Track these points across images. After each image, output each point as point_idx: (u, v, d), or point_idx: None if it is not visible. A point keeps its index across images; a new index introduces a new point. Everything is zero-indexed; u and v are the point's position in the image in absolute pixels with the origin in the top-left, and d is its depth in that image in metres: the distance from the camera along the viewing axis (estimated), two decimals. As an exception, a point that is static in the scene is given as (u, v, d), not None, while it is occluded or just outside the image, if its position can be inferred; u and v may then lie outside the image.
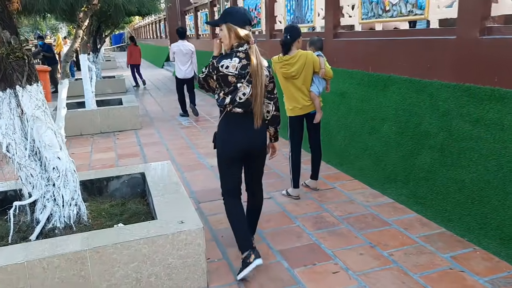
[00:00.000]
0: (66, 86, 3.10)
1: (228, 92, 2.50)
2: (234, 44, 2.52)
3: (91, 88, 7.44)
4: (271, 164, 4.89)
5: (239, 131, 2.56)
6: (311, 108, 3.82)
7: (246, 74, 2.47)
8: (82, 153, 5.74)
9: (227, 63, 2.46)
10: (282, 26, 7.57)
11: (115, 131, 7.01)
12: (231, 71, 2.45)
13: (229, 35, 2.51)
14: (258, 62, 2.49)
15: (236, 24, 2.48)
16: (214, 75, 2.50)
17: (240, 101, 2.49)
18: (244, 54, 2.50)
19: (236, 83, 2.47)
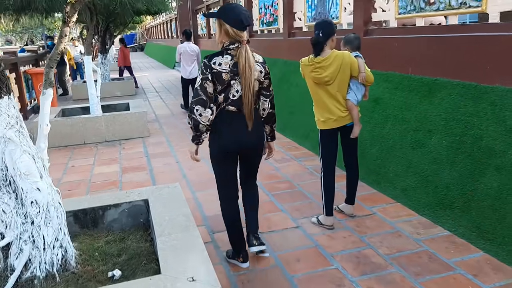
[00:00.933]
0: (49, 97, 2.50)
1: (221, 90, 2.45)
2: (226, 42, 2.47)
3: (96, 92, 6.89)
4: (295, 180, 4.26)
5: (233, 129, 2.51)
6: (347, 119, 3.18)
7: (238, 72, 2.43)
8: (83, 166, 5.17)
9: (219, 60, 2.43)
10: (302, 24, 6.93)
11: (121, 139, 6.44)
12: (224, 68, 2.42)
13: (219, 30, 2.49)
14: (246, 63, 2.41)
15: (227, 22, 2.43)
16: (209, 74, 2.42)
17: (233, 99, 2.46)
18: (235, 52, 2.44)
19: (230, 80, 2.43)
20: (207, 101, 2.43)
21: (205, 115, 2.44)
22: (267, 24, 8.48)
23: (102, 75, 11.52)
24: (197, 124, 2.45)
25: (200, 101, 2.43)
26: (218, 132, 2.53)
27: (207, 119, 2.45)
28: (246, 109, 2.46)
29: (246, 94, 2.43)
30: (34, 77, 9.31)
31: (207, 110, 2.44)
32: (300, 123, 5.95)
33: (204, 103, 2.43)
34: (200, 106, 2.43)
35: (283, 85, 7.01)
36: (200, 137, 2.54)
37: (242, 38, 2.45)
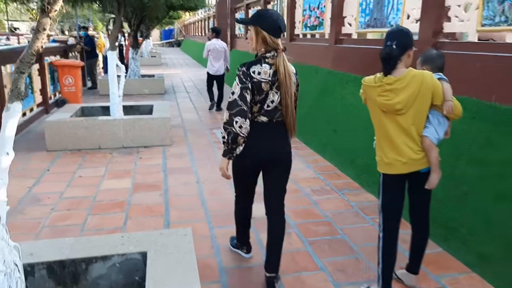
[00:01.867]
0: (15, 115, 1.80)
1: (258, 100, 2.36)
2: (262, 50, 2.38)
3: (118, 91, 6.28)
4: (337, 222, 3.45)
5: (261, 140, 2.41)
6: (421, 163, 2.35)
7: (275, 81, 2.36)
8: (91, 178, 4.53)
9: (257, 69, 2.33)
10: (352, 30, 6.09)
11: (140, 146, 5.79)
12: (264, 78, 2.33)
13: (256, 38, 2.39)
14: (286, 71, 2.35)
15: (264, 29, 2.34)
16: (249, 83, 2.31)
17: (267, 109, 2.39)
18: (273, 61, 2.35)
19: (269, 90, 2.35)
20: (247, 111, 2.31)
21: (245, 127, 2.31)
22: (311, 27, 7.67)
23: (132, 71, 11.03)
24: (235, 137, 2.31)
25: (241, 112, 2.29)
26: (248, 141, 2.38)
27: (246, 130, 2.32)
28: (290, 120, 2.41)
29: (287, 104, 2.36)
30: (59, 69, 8.84)
31: (247, 121, 2.31)
32: (344, 145, 5.12)
33: (244, 114, 2.30)
34: (240, 117, 2.29)
35: (326, 98, 6.19)
36: (235, 150, 2.38)
37: (279, 46, 2.36)
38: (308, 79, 7.12)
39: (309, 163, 5.13)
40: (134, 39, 10.86)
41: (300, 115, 6.65)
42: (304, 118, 6.52)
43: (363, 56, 5.51)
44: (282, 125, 2.45)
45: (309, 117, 6.40)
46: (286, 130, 2.48)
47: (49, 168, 4.84)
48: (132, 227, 3.38)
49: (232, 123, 2.28)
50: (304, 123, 6.46)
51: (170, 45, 48.71)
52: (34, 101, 7.53)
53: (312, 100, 6.56)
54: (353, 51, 5.87)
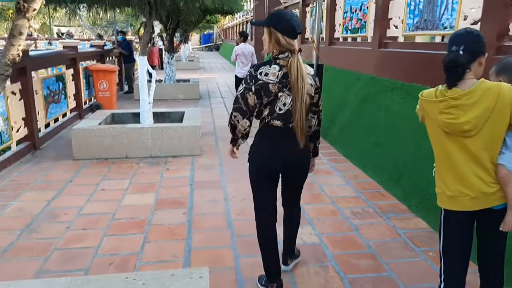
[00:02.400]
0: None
1: (267, 103, 2.27)
2: (275, 51, 2.28)
3: (149, 98, 6.03)
4: (382, 254, 2.97)
5: (277, 146, 2.33)
6: (495, 199, 1.87)
7: (288, 83, 2.23)
8: (114, 191, 4.25)
9: (266, 70, 2.25)
10: (398, 33, 5.56)
11: (168, 156, 5.50)
12: (271, 79, 2.23)
13: (269, 40, 2.28)
14: (299, 73, 2.20)
15: (278, 30, 2.23)
16: (253, 86, 2.25)
17: (279, 113, 2.27)
18: (285, 62, 2.23)
19: (277, 92, 2.24)
20: (247, 112, 2.31)
21: (241, 124, 2.35)
22: (352, 31, 7.18)
23: (167, 76, 10.88)
24: (234, 127, 2.40)
25: (239, 109, 2.32)
26: (260, 147, 2.39)
27: (243, 128, 2.37)
28: (298, 125, 2.26)
29: (298, 108, 2.23)
30: (94, 73, 8.76)
31: (244, 121, 2.33)
32: (388, 160, 4.61)
33: (243, 113, 2.32)
34: (238, 113, 2.33)
35: (368, 106, 5.68)
36: (236, 142, 2.50)
37: (294, 47, 2.25)
38: (349, 85, 6.63)
39: (349, 179, 4.65)
40: (169, 43, 10.70)
41: (340, 125, 6.16)
42: (344, 128, 6.03)
43: (410, 62, 4.98)
44: None
45: (349, 127, 5.91)
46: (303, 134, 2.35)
47: (73, 179, 4.62)
48: (149, 253, 3.04)
49: (231, 116, 2.36)
50: (343, 133, 5.97)
51: (209, 49, 49.04)
52: (67, 106, 7.45)
53: (353, 109, 6.07)
54: (399, 56, 5.34)
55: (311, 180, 4.60)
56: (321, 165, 5.18)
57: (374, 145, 5.04)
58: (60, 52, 7.61)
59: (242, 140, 2.47)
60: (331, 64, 7.46)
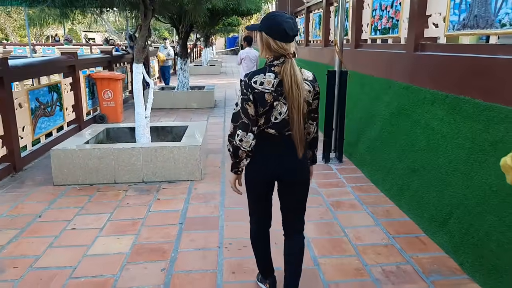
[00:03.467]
0: None
1: (263, 113, 2.11)
2: (269, 57, 2.13)
3: (145, 112, 5.26)
4: None
5: (273, 156, 2.20)
6: None
7: (282, 91, 2.08)
8: (85, 233, 3.46)
9: (260, 79, 2.09)
10: (439, 32, 4.58)
11: (163, 181, 4.69)
12: (267, 88, 2.08)
13: (261, 44, 2.13)
14: (293, 80, 2.04)
15: (267, 33, 2.08)
16: (250, 95, 2.09)
17: (275, 122, 2.13)
18: (279, 69, 2.08)
19: (273, 101, 2.09)
20: (249, 125, 2.12)
21: (246, 140, 2.13)
22: (381, 31, 6.20)
23: (180, 83, 10.15)
24: (236, 150, 2.17)
25: (242, 125, 2.12)
26: (257, 157, 2.21)
27: (248, 144, 2.14)
28: (297, 136, 2.11)
29: (295, 118, 2.07)
30: (98, 82, 8.10)
31: (248, 135, 2.13)
32: (430, 193, 3.64)
33: (246, 127, 2.12)
34: (241, 130, 2.13)
35: (402, 121, 4.71)
36: (239, 165, 2.23)
37: (287, 51, 2.05)
38: (378, 95, 5.66)
39: (378, 217, 3.71)
40: (182, 48, 9.96)
41: (367, 142, 5.19)
42: (372, 147, 5.07)
43: (456, 68, 4.01)
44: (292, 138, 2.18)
45: (379, 146, 4.95)
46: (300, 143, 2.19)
47: (43, 213, 3.86)
48: None
49: (233, 136, 2.17)
50: (372, 153, 5.02)
51: (234, 53, 48.55)
52: (64, 119, 6.77)
53: (383, 123, 5.10)
54: (441, 61, 4.36)
55: (331, 218, 3.69)
56: (344, 194, 4.26)
57: (411, 172, 4.08)
58: (53, 59, 6.95)
59: (246, 160, 2.22)
60: (357, 69, 6.51)
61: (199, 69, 20.10)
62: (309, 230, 3.45)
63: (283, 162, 2.19)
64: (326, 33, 9.29)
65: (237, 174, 2.28)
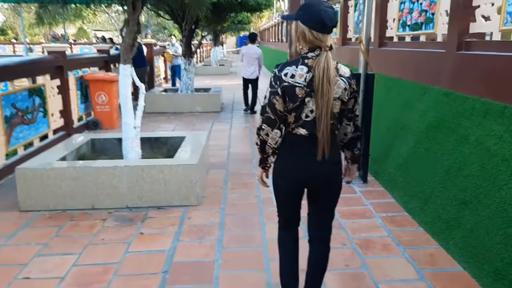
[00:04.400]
0: None
1: (292, 109, 1.96)
2: (303, 49, 1.97)
3: (135, 121, 4.47)
4: None
5: (302, 158, 2.03)
6: None
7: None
8: (40, 284, 2.67)
9: (292, 71, 1.94)
10: (492, 27, 3.70)
11: (151, 207, 3.89)
12: (299, 82, 1.92)
13: (295, 35, 1.99)
14: (324, 76, 1.88)
15: (304, 22, 1.92)
16: (279, 88, 1.95)
17: (306, 120, 1.97)
18: (313, 62, 1.92)
19: (305, 97, 1.93)
20: (276, 120, 1.99)
21: (272, 136, 2.03)
22: (412, 27, 5.32)
23: (184, 84, 9.35)
24: (263, 145, 2.07)
25: (268, 120, 2.01)
26: (282, 158, 2.08)
27: (274, 141, 2.04)
28: (321, 136, 1.94)
29: (322, 117, 1.92)
30: (91, 84, 7.34)
31: (275, 131, 2.01)
32: (490, 235, 2.76)
33: (272, 123, 2.00)
34: (266, 125, 2.02)
35: (443, 136, 3.83)
36: (267, 160, 2.14)
37: (323, 43, 1.90)
38: (408, 101, 4.78)
39: (420, 265, 2.85)
40: (186, 46, 9.16)
41: (398, 159, 4.29)
42: (405, 166, 4.20)
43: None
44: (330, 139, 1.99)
45: (412, 165, 4.08)
46: (335, 144, 2.07)
47: (-6, 252, 3.09)
48: None
49: (260, 130, 2.04)
50: (404, 174, 4.14)
51: (245, 51, 47.70)
52: (49, 127, 6.02)
53: (416, 137, 4.23)
54: (495, 62, 3.48)
55: (360, 267, 2.84)
56: (374, 229, 3.40)
57: (460, 204, 3.21)
58: (36, 59, 6.21)
59: (273, 156, 2.11)
60: (380, 71, 5.63)
61: (207, 69, 19.32)
62: (332, 284, 2.61)
63: (314, 165, 2.01)
64: (344, 30, 8.40)
65: (264, 169, 2.21)
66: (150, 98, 9.07)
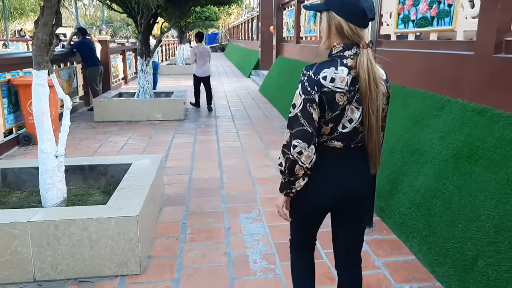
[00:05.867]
0: None
1: (330, 119, 1.60)
2: (337, 46, 1.62)
3: (55, 148, 3.21)
4: None
5: (333, 174, 1.68)
6: None
7: (356, 92, 1.59)
8: None
9: (331, 74, 1.56)
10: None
11: (71, 279, 2.66)
12: (340, 87, 1.56)
13: (328, 29, 1.62)
14: (371, 77, 1.55)
15: (340, 14, 1.57)
16: (316, 95, 1.56)
17: (342, 131, 1.63)
18: (352, 62, 1.58)
19: (346, 104, 1.59)
20: (313, 134, 1.59)
21: (307, 154, 1.61)
22: (417, 23, 4.29)
23: (141, 88, 8.08)
24: (292, 166, 1.63)
25: (302, 134, 1.59)
26: (315, 174, 1.66)
27: (309, 159, 1.62)
28: (375, 147, 1.65)
29: (374, 126, 1.60)
30: (21, 90, 5.96)
31: (311, 148, 1.61)
32: None
33: (308, 137, 1.60)
34: (301, 140, 1.60)
35: (487, 173, 2.74)
36: (294, 185, 1.68)
37: (362, 40, 1.56)
38: (421, 118, 3.74)
39: None
40: (143, 44, 7.87)
41: (410, 195, 3.03)
42: (422, 205, 3.13)
43: None
44: (363, 152, 1.69)
45: (437, 206, 3.01)
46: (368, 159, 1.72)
47: None
48: None
49: (290, 147, 1.62)
50: (422, 216, 3.06)
51: (213, 50, 46.46)
52: (-43, 147, 4.65)
53: (440, 169, 3.16)
54: None
55: None
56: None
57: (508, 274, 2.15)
58: None
59: (303, 180, 1.67)
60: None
61: (172, 68, 17.95)
62: None
63: (349, 182, 1.69)
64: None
65: (288, 196, 1.73)
66: (101, 104, 7.74)
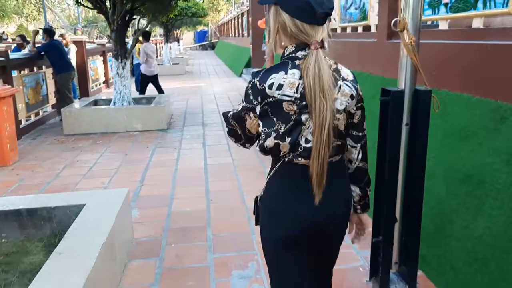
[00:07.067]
0: None
1: (285, 132, 1.34)
2: (290, 47, 1.35)
3: None
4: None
5: (303, 196, 1.38)
6: None
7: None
8: None
9: (279, 80, 1.31)
10: None
11: None
12: (288, 94, 1.30)
13: (274, 26, 1.36)
14: (316, 83, 1.27)
15: (285, 9, 1.31)
16: (258, 106, 1.34)
17: (306, 146, 1.34)
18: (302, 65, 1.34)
19: (299, 114, 1.32)
20: (242, 138, 1.47)
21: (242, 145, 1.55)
22: (454, 7, 3.34)
23: (118, 95, 7.08)
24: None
25: (233, 133, 1.50)
26: (277, 200, 1.42)
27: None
28: (315, 165, 1.31)
29: (316, 139, 1.31)
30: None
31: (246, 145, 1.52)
32: None
33: (237, 138, 1.50)
34: (234, 139, 1.53)
35: None
36: None
37: (312, 39, 1.30)
38: (474, 135, 2.78)
39: None
40: (118, 43, 6.85)
41: (476, 251, 2.32)
42: (484, 264, 2.15)
43: None
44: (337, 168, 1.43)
45: (510, 267, 2.07)
46: (344, 175, 1.49)
47: None
48: None
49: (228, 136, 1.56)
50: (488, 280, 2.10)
51: (203, 48, 45.34)
52: None
53: (510, 207, 2.22)
54: None
55: None
56: None
57: None
58: None
59: None
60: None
61: (161, 68, 16.87)
62: None
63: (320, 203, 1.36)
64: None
65: None
66: (71, 114, 6.73)
